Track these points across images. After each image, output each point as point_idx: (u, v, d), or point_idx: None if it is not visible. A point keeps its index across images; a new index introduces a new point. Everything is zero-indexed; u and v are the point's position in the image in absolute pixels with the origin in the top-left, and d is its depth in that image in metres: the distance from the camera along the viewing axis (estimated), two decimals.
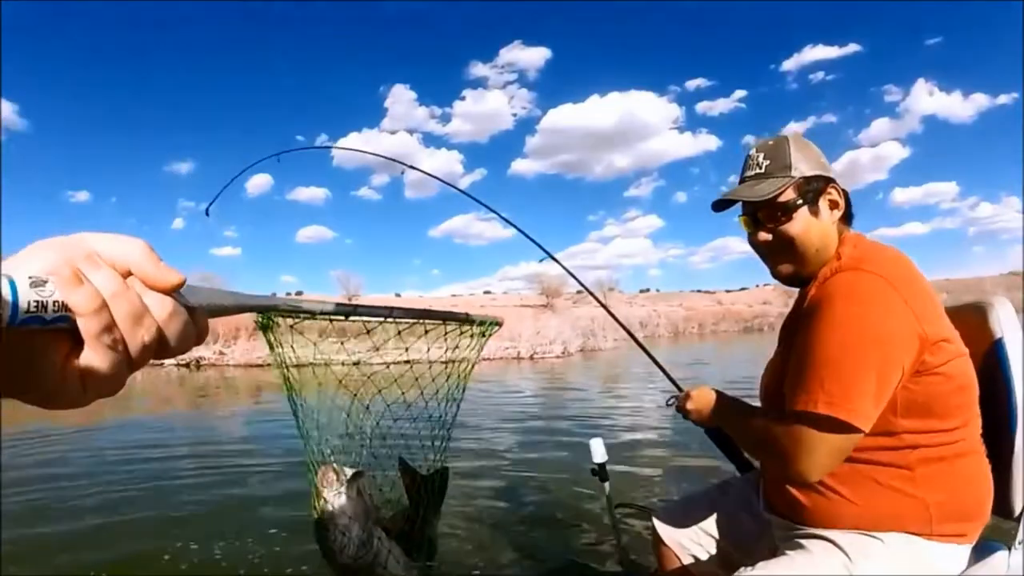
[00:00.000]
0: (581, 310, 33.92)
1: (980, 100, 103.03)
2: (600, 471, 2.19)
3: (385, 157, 3.04)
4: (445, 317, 1.15)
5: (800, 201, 1.32)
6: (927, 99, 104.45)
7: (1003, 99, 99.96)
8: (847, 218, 1.40)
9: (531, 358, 20.43)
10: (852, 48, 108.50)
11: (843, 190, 1.37)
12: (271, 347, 1.14)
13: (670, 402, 1.63)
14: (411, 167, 2.69)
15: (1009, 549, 1.35)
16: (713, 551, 1.63)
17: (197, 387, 13.79)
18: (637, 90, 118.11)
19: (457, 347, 1.27)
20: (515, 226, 2.35)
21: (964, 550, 1.26)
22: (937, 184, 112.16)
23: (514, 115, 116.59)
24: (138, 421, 9.11)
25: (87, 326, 0.35)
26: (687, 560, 1.64)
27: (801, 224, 1.33)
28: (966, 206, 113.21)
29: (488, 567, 3.25)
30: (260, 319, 1.06)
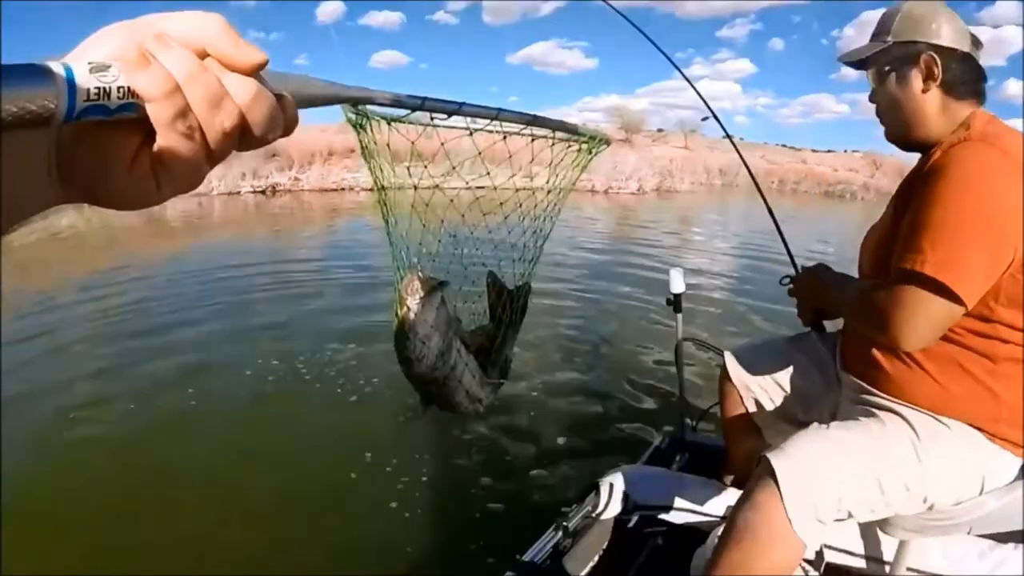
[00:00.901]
0: (660, 149, 33.05)
1: None
2: (675, 301, 2.15)
3: None
4: (556, 126, 1.07)
5: (888, 68, 1.35)
6: None
7: None
8: (961, 90, 1.32)
9: (605, 192, 20.33)
10: None
11: (949, 59, 1.30)
12: (363, 148, 1.07)
13: (784, 281, 1.63)
14: None
15: None
16: (777, 401, 1.64)
17: (273, 213, 13.85)
18: None
19: (562, 160, 1.19)
20: (646, 36, 2.29)
21: (1017, 462, 1.26)
22: None
23: None
24: (218, 247, 9.20)
25: (158, 112, 0.32)
26: (750, 404, 1.66)
27: (889, 92, 1.35)
28: None
29: (548, 388, 3.49)
30: (353, 116, 0.98)
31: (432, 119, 0.88)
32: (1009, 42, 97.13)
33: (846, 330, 1.50)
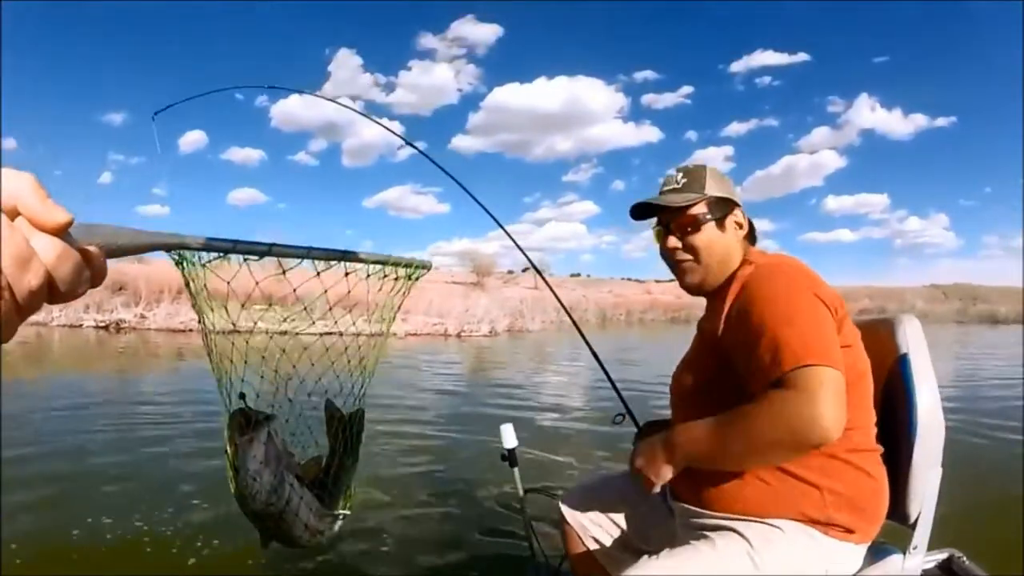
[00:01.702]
0: (511, 290, 34.11)
1: (919, 120, 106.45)
2: (510, 456, 2.20)
3: (343, 104, 2.89)
4: (369, 260, 1.11)
5: (709, 216, 1.47)
6: (868, 113, 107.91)
7: (941, 121, 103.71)
8: (751, 240, 1.54)
9: (459, 335, 20.41)
10: (801, 57, 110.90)
11: (748, 218, 1.54)
12: (187, 283, 1.09)
13: (617, 420, 1.65)
14: (370, 118, 2.61)
15: (904, 553, 1.41)
16: (615, 535, 1.66)
17: (116, 350, 13.21)
18: (585, 76, 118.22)
19: (380, 290, 1.23)
20: (472, 196, 2.40)
21: (860, 550, 1.31)
22: (869, 195, 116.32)
23: (459, 90, 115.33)
24: (56, 381, 8.78)
25: None
26: (591, 544, 1.67)
27: (707, 236, 1.46)
28: (895, 218, 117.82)
29: (399, 537, 3.26)
30: (175, 255, 0.98)
31: (245, 260, 0.89)
32: (824, 165, 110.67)
33: None
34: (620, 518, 1.67)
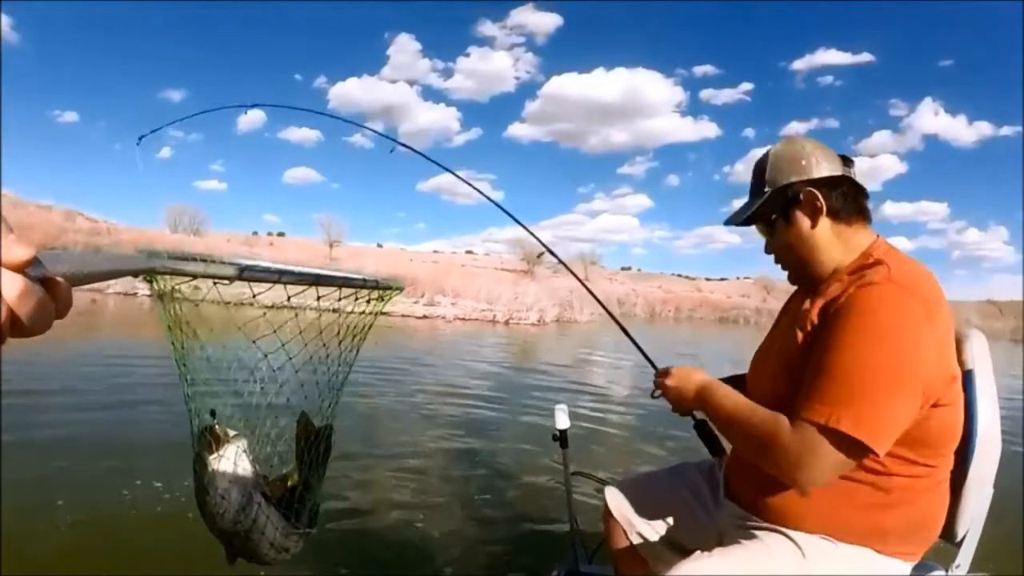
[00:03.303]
0: (560, 280, 33.96)
1: (983, 128, 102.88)
2: (561, 437, 2.22)
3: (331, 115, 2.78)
4: (341, 283, 1.11)
5: (774, 216, 1.38)
6: (931, 118, 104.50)
7: (1006, 130, 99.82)
8: (849, 213, 1.34)
9: (506, 323, 20.50)
10: (864, 57, 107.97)
11: (828, 188, 1.32)
12: (161, 302, 1.11)
13: (655, 395, 1.59)
14: (369, 129, 2.59)
15: (946, 571, 1.40)
16: (661, 531, 1.64)
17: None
18: (644, 68, 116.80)
19: (352, 311, 1.24)
20: (489, 198, 2.35)
21: (907, 567, 1.28)
22: (928, 203, 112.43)
23: (517, 78, 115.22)
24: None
25: None
26: (634, 537, 1.66)
27: (782, 237, 1.38)
28: (953, 229, 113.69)
29: (435, 517, 3.29)
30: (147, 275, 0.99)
31: (215, 284, 0.90)
32: (884, 169, 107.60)
33: (731, 458, 1.51)
34: (665, 514, 1.66)
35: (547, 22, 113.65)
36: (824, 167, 1.33)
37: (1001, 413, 1.42)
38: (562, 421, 2.23)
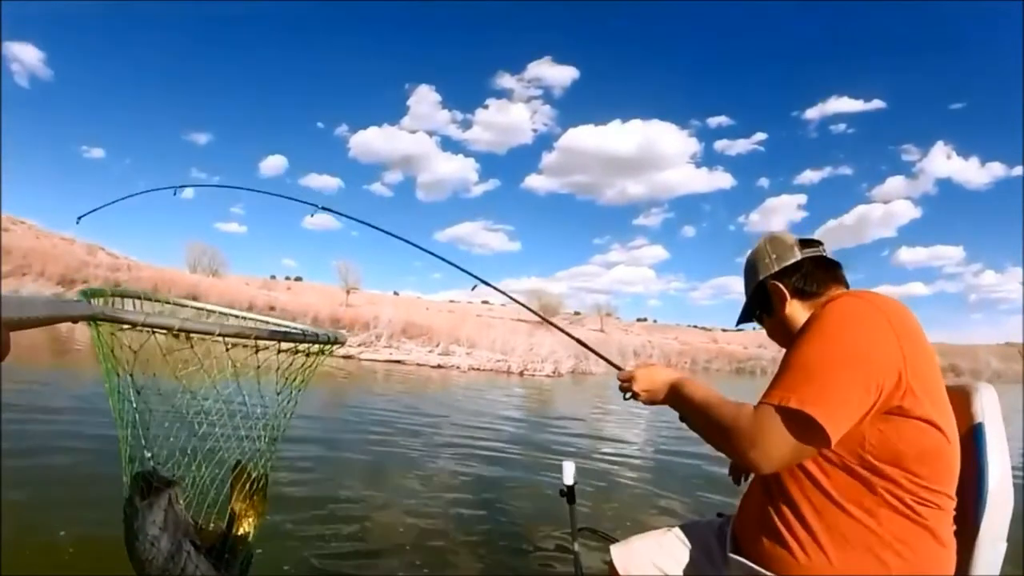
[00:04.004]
0: (576, 331, 33.85)
1: (996, 169, 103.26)
2: (568, 493, 2.23)
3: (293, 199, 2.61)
4: (280, 337, 1.10)
5: (759, 312, 1.60)
6: (944, 162, 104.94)
7: (1019, 170, 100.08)
8: (815, 287, 1.48)
9: (521, 374, 20.42)
10: (876, 104, 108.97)
11: (790, 274, 1.50)
12: (98, 348, 1.11)
13: (627, 397, 1.65)
14: (328, 210, 2.54)
15: None
16: None
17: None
18: (659, 120, 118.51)
19: (291, 365, 1.22)
20: (438, 255, 2.47)
21: None
22: (944, 247, 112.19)
23: (534, 130, 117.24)
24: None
25: None
26: None
27: (770, 325, 1.58)
28: (970, 272, 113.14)
29: (441, 568, 3.26)
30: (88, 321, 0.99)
31: (153, 332, 0.90)
32: (898, 215, 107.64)
33: (738, 513, 1.52)
34: (674, 573, 1.65)
35: (564, 75, 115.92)
36: (781, 257, 1.53)
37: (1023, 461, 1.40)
38: (569, 477, 2.24)
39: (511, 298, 2.34)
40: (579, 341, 2.13)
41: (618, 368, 1.73)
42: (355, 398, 10.99)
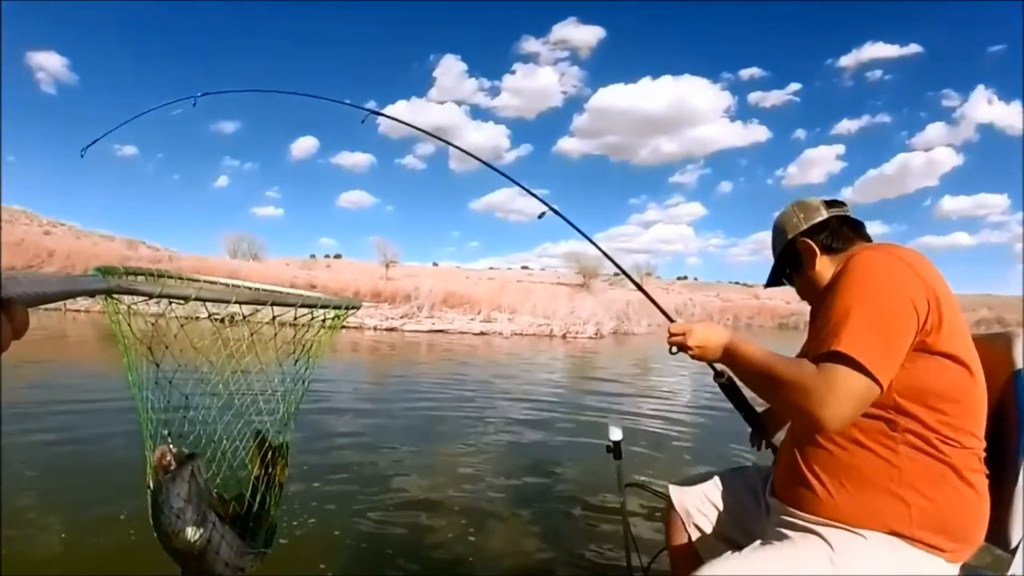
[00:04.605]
0: (616, 293, 33.74)
1: None
2: (615, 449, 2.28)
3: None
4: (295, 303, 1.11)
5: (789, 271, 1.65)
6: (985, 107, 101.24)
7: None
8: (840, 243, 1.54)
9: (563, 337, 20.48)
10: (913, 49, 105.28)
11: (817, 232, 1.55)
12: (112, 323, 1.11)
13: (674, 351, 1.67)
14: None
15: None
16: (717, 528, 1.71)
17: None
18: (690, 75, 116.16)
19: (308, 329, 1.23)
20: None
21: (951, 568, 1.27)
22: (988, 195, 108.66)
23: (563, 93, 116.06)
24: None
25: None
26: (692, 531, 1.73)
27: (800, 283, 1.63)
28: (1015, 220, 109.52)
29: (488, 529, 3.34)
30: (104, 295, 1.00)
31: (171, 303, 0.90)
32: (940, 163, 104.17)
33: (777, 457, 1.60)
34: (723, 511, 1.73)
35: (590, 35, 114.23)
36: (808, 217, 1.59)
37: None
38: (615, 433, 2.29)
39: (572, 225, 2.29)
40: (643, 290, 2.22)
41: (670, 319, 1.75)
42: (400, 368, 11.18)
